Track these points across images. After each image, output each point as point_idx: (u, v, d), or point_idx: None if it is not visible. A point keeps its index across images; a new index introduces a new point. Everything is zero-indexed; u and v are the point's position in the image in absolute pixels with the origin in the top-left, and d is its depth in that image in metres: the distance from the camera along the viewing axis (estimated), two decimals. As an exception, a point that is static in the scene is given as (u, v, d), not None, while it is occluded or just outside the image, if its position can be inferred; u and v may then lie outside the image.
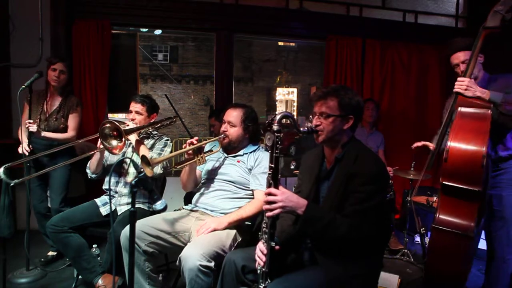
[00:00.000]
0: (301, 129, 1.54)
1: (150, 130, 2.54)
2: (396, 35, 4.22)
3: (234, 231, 2.00)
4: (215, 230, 1.93)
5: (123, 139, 2.10)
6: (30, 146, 2.66)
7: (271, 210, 1.42)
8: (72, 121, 2.85)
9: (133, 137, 2.35)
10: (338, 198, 1.49)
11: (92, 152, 2.36)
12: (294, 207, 1.43)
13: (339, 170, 1.55)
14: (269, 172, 1.48)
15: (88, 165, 2.45)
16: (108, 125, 2.10)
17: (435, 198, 3.22)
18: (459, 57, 2.18)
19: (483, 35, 1.97)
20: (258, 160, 2.14)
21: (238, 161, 2.18)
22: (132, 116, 2.44)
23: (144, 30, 4.73)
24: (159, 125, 2.49)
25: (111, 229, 2.06)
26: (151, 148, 2.46)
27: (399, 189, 3.88)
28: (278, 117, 1.48)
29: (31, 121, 2.59)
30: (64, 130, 2.84)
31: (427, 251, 2.01)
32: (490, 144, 2.07)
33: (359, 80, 4.13)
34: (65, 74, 2.84)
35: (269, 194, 1.44)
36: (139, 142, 2.36)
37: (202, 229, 1.93)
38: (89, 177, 2.47)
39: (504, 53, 3.22)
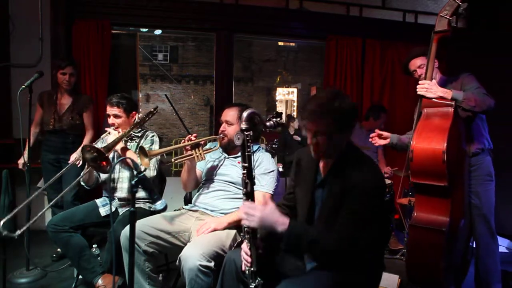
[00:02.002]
0: (267, 123, 1.52)
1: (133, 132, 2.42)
2: (396, 35, 4.21)
3: (234, 231, 2.01)
4: (215, 230, 1.93)
5: (106, 156, 2.08)
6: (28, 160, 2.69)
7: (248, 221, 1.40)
8: (88, 119, 3.01)
9: (118, 146, 2.28)
10: (335, 210, 1.43)
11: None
12: (274, 226, 1.37)
13: (335, 180, 1.47)
14: (243, 172, 1.48)
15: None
16: (87, 149, 2.08)
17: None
18: (416, 63, 2.29)
19: (435, 40, 2.04)
20: (259, 161, 2.13)
21: (239, 162, 2.17)
22: (112, 121, 2.36)
23: (144, 30, 4.74)
24: (141, 123, 2.37)
25: (111, 229, 2.06)
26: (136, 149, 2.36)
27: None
28: (245, 115, 1.45)
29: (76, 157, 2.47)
30: (79, 126, 2.96)
31: (406, 248, 2.05)
32: (464, 141, 2.13)
33: (359, 80, 4.13)
34: (74, 77, 2.96)
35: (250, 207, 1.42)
36: (124, 149, 2.32)
37: (202, 229, 1.93)
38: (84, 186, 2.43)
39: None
